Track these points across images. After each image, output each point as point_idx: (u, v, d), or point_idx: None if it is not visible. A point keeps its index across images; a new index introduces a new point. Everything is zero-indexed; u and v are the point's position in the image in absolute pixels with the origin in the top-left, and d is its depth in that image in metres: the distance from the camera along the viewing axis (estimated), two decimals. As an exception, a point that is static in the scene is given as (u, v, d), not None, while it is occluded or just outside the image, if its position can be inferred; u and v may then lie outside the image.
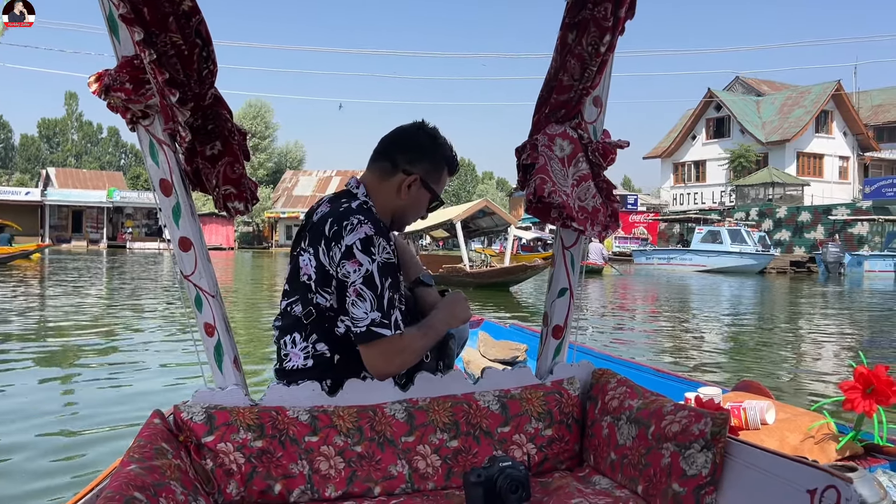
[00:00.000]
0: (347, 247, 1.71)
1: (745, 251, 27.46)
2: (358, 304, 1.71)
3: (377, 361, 1.75)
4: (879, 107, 46.23)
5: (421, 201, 1.94)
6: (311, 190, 56.50)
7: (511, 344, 4.25)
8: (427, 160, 1.91)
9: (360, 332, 1.72)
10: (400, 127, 1.96)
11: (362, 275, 1.70)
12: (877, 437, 2.14)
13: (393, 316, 1.72)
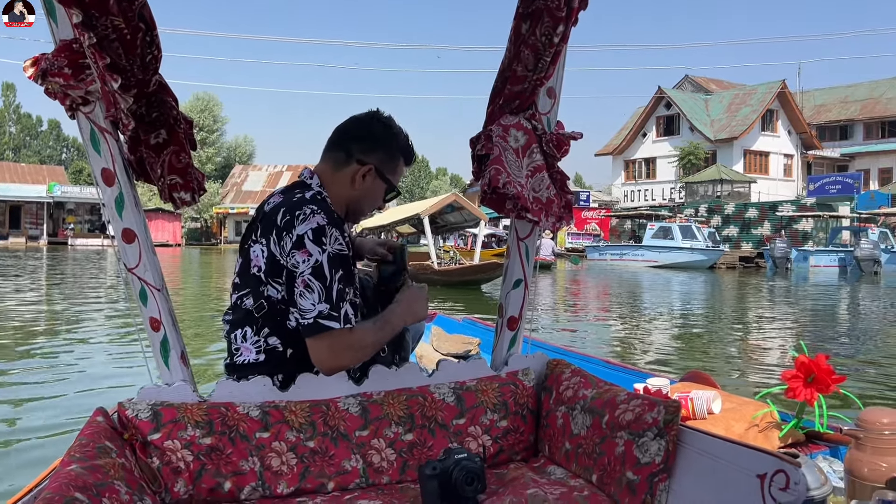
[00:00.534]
0: (298, 237, 1.68)
1: (696, 247, 28.12)
2: (306, 296, 1.67)
3: (324, 355, 1.70)
4: (821, 106, 47.88)
5: (376, 192, 1.91)
6: (261, 185, 55.67)
7: (464, 338, 4.27)
8: (382, 150, 1.88)
9: (307, 325, 1.67)
10: (354, 116, 1.93)
11: (311, 265, 1.67)
12: (817, 425, 2.21)
13: (343, 309, 1.68)
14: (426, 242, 18.22)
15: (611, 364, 3.52)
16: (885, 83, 46.70)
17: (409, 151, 1.94)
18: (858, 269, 23.59)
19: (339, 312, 1.67)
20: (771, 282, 21.01)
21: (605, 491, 1.60)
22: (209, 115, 62.28)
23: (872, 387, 5.54)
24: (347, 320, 1.69)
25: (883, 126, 45.12)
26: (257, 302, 1.77)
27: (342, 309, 1.68)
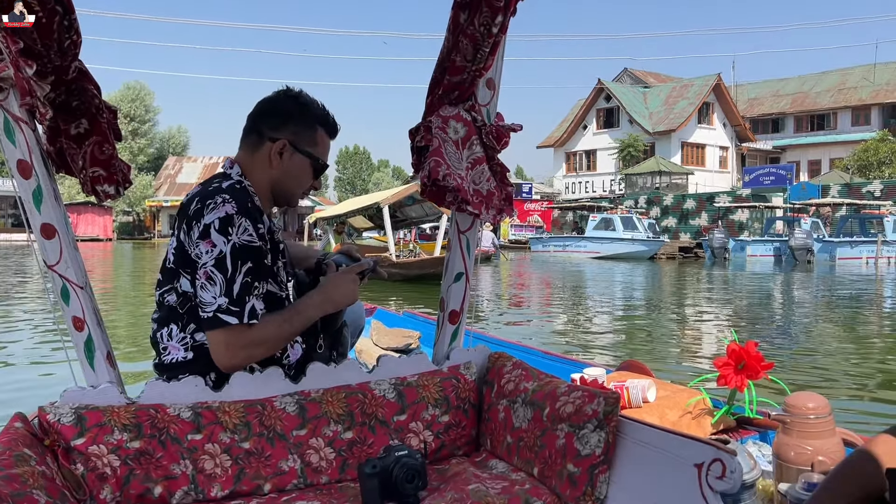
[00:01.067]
0: (205, 226, 1.63)
1: (637, 238, 28.76)
2: (207, 288, 1.62)
3: (220, 351, 1.64)
4: (754, 100, 49.58)
5: (299, 168, 1.83)
6: (196, 177, 54.29)
7: (404, 331, 4.26)
8: (293, 123, 1.80)
9: (206, 318, 1.62)
10: (264, 98, 1.87)
11: (214, 256, 1.62)
12: (748, 410, 2.28)
13: (247, 304, 1.63)
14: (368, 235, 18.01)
15: (549, 355, 3.57)
16: (814, 77, 48.67)
17: (326, 120, 1.86)
18: (793, 258, 24.51)
19: (240, 307, 1.62)
20: (709, 271, 21.65)
21: (547, 484, 1.61)
22: (140, 104, 60.42)
23: (800, 372, 5.76)
24: (253, 315, 1.63)
25: (812, 119, 47.02)
26: (179, 297, 1.72)
27: (247, 303, 1.63)
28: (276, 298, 1.79)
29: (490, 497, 1.54)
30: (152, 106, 62.60)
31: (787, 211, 29.86)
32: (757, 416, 2.28)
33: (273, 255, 1.80)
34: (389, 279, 14.17)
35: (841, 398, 4.86)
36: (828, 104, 45.85)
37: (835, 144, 44.03)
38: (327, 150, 1.89)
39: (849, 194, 30.42)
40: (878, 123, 43.57)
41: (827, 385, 5.28)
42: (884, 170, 36.02)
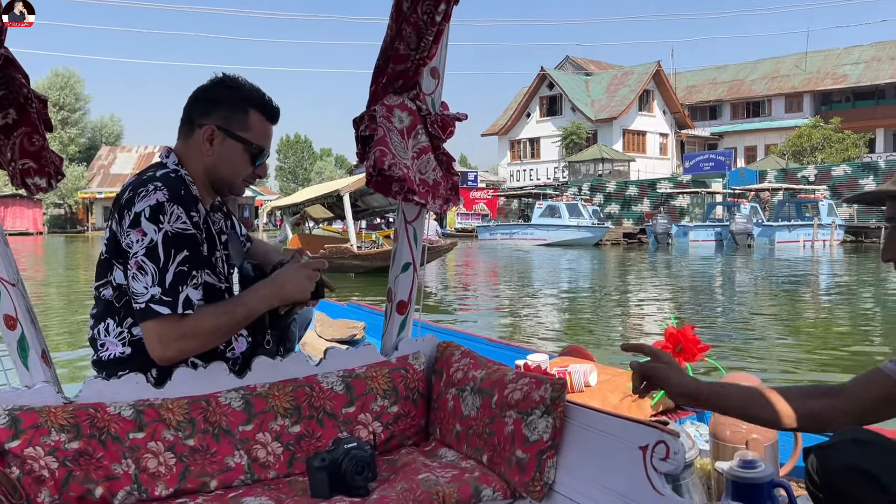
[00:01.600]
0: (136, 214, 1.60)
1: (583, 225, 29.21)
2: (138, 278, 1.58)
3: (153, 343, 1.61)
4: (692, 87, 50.80)
5: (232, 154, 1.77)
6: (131, 167, 52.73)
7: (349, 322, 4.24)
8: (222, 107, 1.75)
9: (139, 309, 1.59)
10: (200, 85, 1.82)
11: (145, 245, 1.58)
12: None
13: (181, 294, 1.59)
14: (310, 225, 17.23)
15: (493, 342, 3.61)
16: (749, 65, 50.15)
17: (261, 103, 1.79)
18: (734, 243, 25.27)
19: (174, 297, 1.58)
20: (653, 256, 22.19)
21: (496, 471, 1.64)
22: (70, 92, 58.20)
23: (735, 354, 5.98)
24: (188, 305, 1.60)
25: (748, 106, 48.48)
26: (115, 290, 1.68)
27: (180, 294, 1.59)
28: (216, 290, 1.76)
29: (440, 486, 1.56)
30: (82, 94, 60.44)
31: (726, 196, 30.74)
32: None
33: (210, 245, 1.76)
34: (351, 271, 13.95)
35: (773, 378, 5.06)
36: (762, 92, 47.32)
37: (769, 131, 45.52)
38: (266, 135, 1.82)
39: (785, 179, 31.48)
40: (811, 110, 45.20)
41: (760, 365, 5.49)
42: (816, 155, 37.42)
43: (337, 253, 14.30)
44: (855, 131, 38.75)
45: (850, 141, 37.64)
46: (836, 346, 6.40)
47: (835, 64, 46.13)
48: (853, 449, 1.20)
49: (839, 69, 45.51)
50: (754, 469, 1.44)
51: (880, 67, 43.82)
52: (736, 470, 1.45)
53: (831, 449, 1.23)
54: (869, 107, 43.83)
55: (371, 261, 14.20)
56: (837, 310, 9.25)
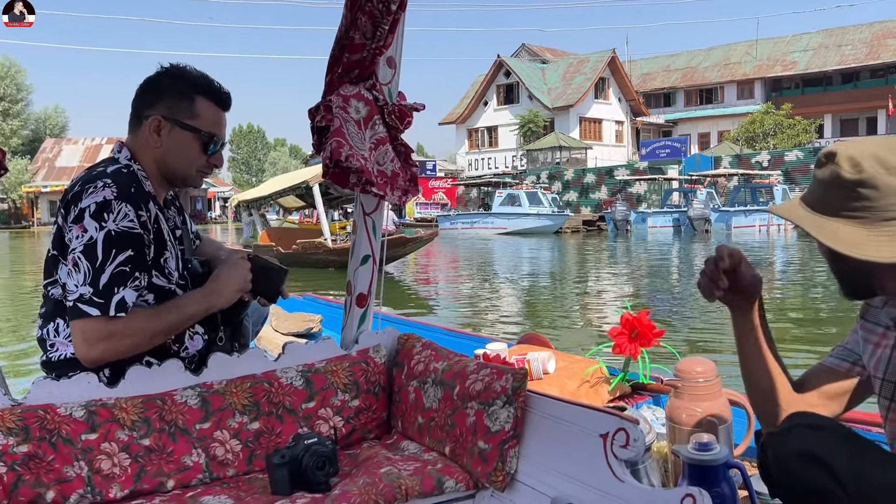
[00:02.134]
0: (81, 210, 1.57)
1: (543, 213, 29.41)
2: (72, 275, 1.56)
3: (77, 343, 1.58)
4: (647, 75, 51.54)
5: (181, 143, 1.73)
6: (77, 160, 51.30)
7: (305, 316, 4.21)
8: (168, 96, 1.72)
9: (69, 308, 1.56)
10: (147, 77, 1.79)
11: (84, 242, 1.55)
12: (641, 377, 2.40)
13: (116, 296, 1.55)
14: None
15: (453, 332, 3.62)
16: (702, 53, 51.06)
17: (209, 89, 1.75)
18: (692, 228, 25.69)
19: (105, 298, 1.55)
20: (612, 243, 22.49)
21: (459, 462, 1.65)
22: (11, 83, 56.26)
23: (690, 338, 6.11)
24: (121, 308, 1.56)
25: (701, 93, 49.37)
26: (63, 288, 1.64)
27: (115, 295, 1.56)
28: (165, 291, 1.72)
29: (402, 479, 1.56)
30: (24, 84, 58.52)
31: (682, 182, 31.28)
32: (650, 381, 2.40)
33: (161, 245, 1.72)
34: (326, 267, 12.87)
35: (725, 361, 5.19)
36: (715, 79, 48.21)
37: (722, 117, 46.47)
38: (216, 122, 1.78)
39: (739, 165, 32.13)
40: (762, 96, 46.25)
41: (714, 349, 5.61)
42: (769, 141, 38.31)
43: (311, 248, 13.44)
44: (805, 117, 39.78)
45: (800, 127, 38.65)
46: (787, 328, 6.58)
47: (784, 51, 47.28)
48: (806, 434, 1.23)
49: (788, 56, 46.67)
50: (709, 451, 1.47)
51: (827, 55, 45.06)
52: (691, 452, 1.48)
53: (784, 434, 1.26)
54: (817, 93, 45.06)
55: (348, 255, 13.71)
56: (790, 293, 9.51)
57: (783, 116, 38.79)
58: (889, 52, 42.23)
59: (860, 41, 44.47)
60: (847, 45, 44.84)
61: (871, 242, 1.16)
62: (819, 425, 1.25)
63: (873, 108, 41.40)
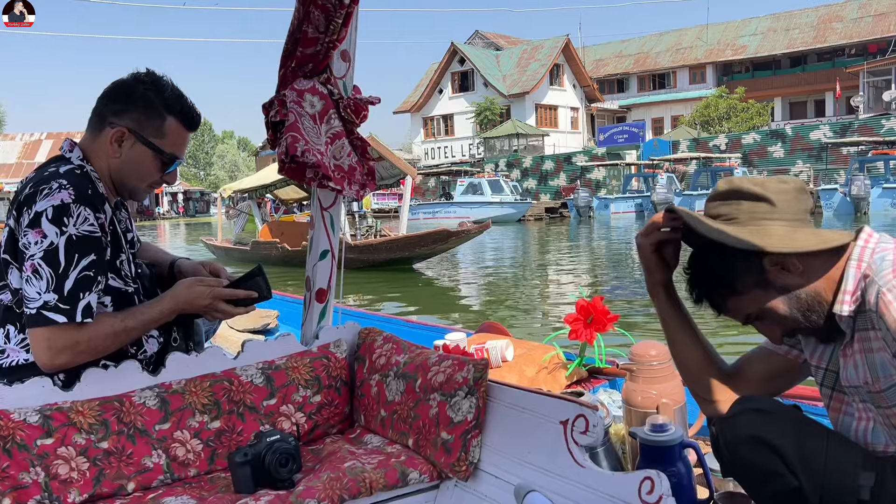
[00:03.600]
0: (36, 213, 1.53)
1: (505, 201, 29.48)
2: (32, 282, 1.52)
3: (40, 351, 1.55)
4: (600, 61, 52.11)
5: (141, 159, 1.70)
6: (15, 157, 49.69)
7: (261, 311, 4.19)
8: (138, 109, 1.68)
9: (30, 315, 1.54)
10: (117, 79, 1.74)
11: (44, 248, 1.53)
12: (597, 361, 2.47)
13: (81, 301, 1.54)
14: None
15: (412, 323, 3.65)
16: (653, 38, 51.82)
17: (182, 109, 1.72)
18: (655, 213, 25.92)
19: (71, 304, 1.53)
20: (575, 230, 22.72)
21: (422, 454, 1.68)
22: (-59, 73, 54.18)
23: (646, 322, 6.25)
24: (87, 314, 1.55)
25: (654, 79, 50.13)
26: (13, 294, 1.61)
27: (81, 300, 1.54)
28: (123, 294, 1.72)
29: (366, 472, 1.58)
30: (-44, 75, 56.45)
31: (642, 168, 31.70)
32: (606, 365, 2.47)
33: (116, 247, 1.71)
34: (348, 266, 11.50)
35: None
36: (667, 64, 48.98)
37: (675, 102, 47.26)
38: (181, 143, 1.75)
39: (697, 149, 32.73)
40: (713, 81, 47.14)
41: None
42: (724, 124, 39.10)
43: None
44: (757, 100, 40.71)
45: (754, 110, 39.51)
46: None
47: (734, 35, 48.25)
48: (754, 419, 1.29)
49: (738, 40, 47.65)
50: (665, 432, 1.53)
51: (776, 38, 46.16)
52: (648, 434, 1.54)
53: (733, 419, 1.33)
54: (767, 77, 46.16)
55: (375, 252, 11.37)
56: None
57: (737, 100, 39.61)
58: (835, 36, 43.50)
59: (807, 25, 45.68)
60: (795, 29, 45.99)
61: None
62: (766, 409, 1.32)
63: (821, 90, 42.62)
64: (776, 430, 1.27)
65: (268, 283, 1.81)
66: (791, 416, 1.32)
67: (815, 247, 1.27)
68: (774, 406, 1.34)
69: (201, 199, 65.31)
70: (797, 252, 1.27)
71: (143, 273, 1.87)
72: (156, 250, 2.05)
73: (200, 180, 74.10)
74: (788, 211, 1.29)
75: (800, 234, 1.28)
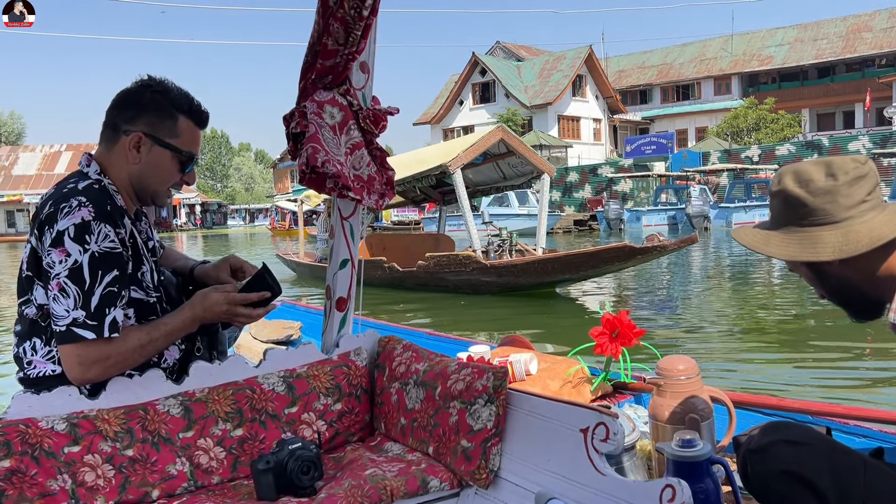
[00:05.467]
0: (58, 233, 1.58)
1: (533, 213, 28.98)
2: (59, 300, 1.57)
3: (71, 366, 1.61)
4: (622, 72, 52.08)
5: (161, 161, 1.76)
6: (35, 168, 50.62)
7: (284, 323, 4.25)
8: (149, 113, 1.74)
9: (60, 332, 1.59)
10: (123, 89, 1.80)
11: (68, 266, 1.57)
12: (623, 376, 2.47)
13: (108, 317, 1.59)
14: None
15: (435, 335, 3.68)
16: (676, 49, 51.72)
17: (190, 108, 1.78)
18: (690, 226, 25.10)
19: (98, 320, 1.59)
20: (605, 243, 22.48)
21: (442, 461, 1.71)
22: (-37, 89, 55.39)
23: (673, 336, 6.21)
24: (114, 329, 1.60)
25: (677, 90, 49.96)
26: (38, 309, 1.67)
27: (107, 316, 1.59)
28: (145, 305, 1.76)
29: (387, 480, 1.61)
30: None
31: (673, 179, 31.34)
32: (632, 380, 2.47)
33: (137, 259, 1.75)
34: (474, 292, 9.20)
35: (705, 359, 5.29)
36: (691, 75, 48.82)
37: (699, 113, 47.05)
38: (195, 141, 1.82)
39: (728, 160, 32.26)
40: (739, 92, 46.89)
41: (694, 349, 5.72)
42: (753, 135, 38.75)
43: (453, 265, 9.17)
44: (787, 111, 40.37)
45: (784, 121, 39.16)
46: (769, 329, 6.66)
47: (760, 46, 48.01)
48: (786, 451, 1.29)
49: (764, 51, 47.40)
50: (693, 448, 1.51)
51: (804, 49, 45.85)
52: (675, 449, 1.53)
53: (764, 452, 1.32)
54: (795, 88, 45.80)
55: (518, 275, 8.81)
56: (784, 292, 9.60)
57: (766, 111, 39.27)
58: (865, 46, 43.12)
59: (835, 35, 45.33)
60: (823, 39, 45.67)
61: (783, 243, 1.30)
62: (798, 440, 1.30)
63: (850, 101, 42.25)
64: (810, 462, 1.26)
65: (274, 278, 1.85)
66: (824, 447, 1.30)
67: (865, 249, 1.25)
68: (806, 436, 1.33)
69: (218, 210, 66.37)
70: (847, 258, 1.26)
71: (168, 281, 1.92)
72: (176, 256, 2.10)
73: (217, 192, 74.97)
74: (837, 210, 1.27)
75: (852, 236, 1.26)
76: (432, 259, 9.36)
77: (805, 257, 1.26)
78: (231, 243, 33.00)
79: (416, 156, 11.65)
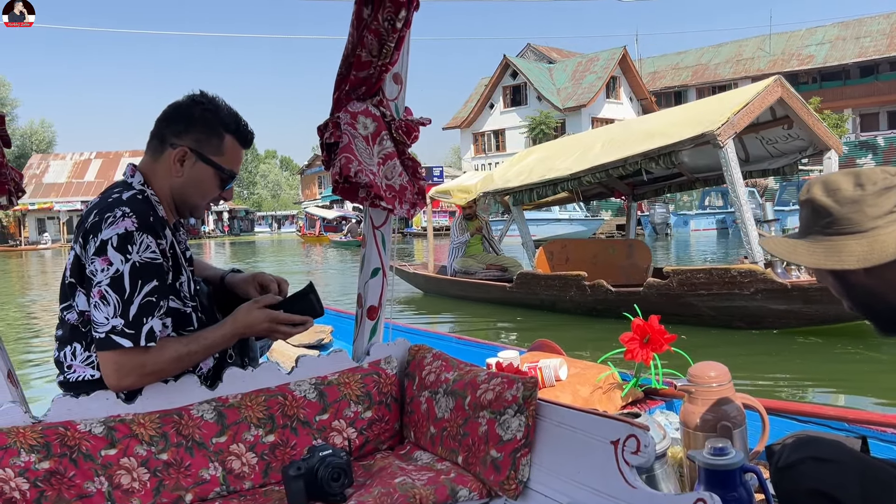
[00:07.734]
0: (102, 242, 1.64)
1: (575, 218, 28.47)
2: (101, 308, 1.63)
3: (109, 373, 1.66)
4: (655, 73, 51.62)
5: (202, 178, 1.83)
6: (65, 176, 51.71)
7: (316, 327, 4.31)
8: (197, 129, 1.80)
9: (99, 339, 1.64)
10: (173, 102, 1.87)
11: (110, 275, 1.63)
12: (654, 382, 2.48)
13: (145, 326, 1.64)
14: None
15: (464, 340, 3.71)
16: (711, 50, 51.11)
17: (237, 128, 1.85)
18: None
19: (136, 329, 1.64)
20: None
21: (471, 471, 1.74)
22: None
23: (704, 342, 6.11)
24: (150, 338, 1.65)
25: (713, 90, 49.30)
26: (78, 315, 1.73)
27: (145, 325, 1.65)
28: (182, 315, 1.82)
29: (416, 489, 1.65)
30: (9, 98, 59.10)
31: (718, 182, 30.63)
32: (663, 386, 2.48)
33: (176, 269, 1.82)
34: (764, 326, 6.34)
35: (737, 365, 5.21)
36: (728, 75, 48.20)
37: (738, 115, 46.36)
38: (237, 160, 1.88)
39: (776, 161, 31.63)
40: (778, 93, 46.17)
41: (724, 353, 5.65)
42: (795, 136, 37.99)
43: (722, 284, 6.33)
44: (833, 111, 39.67)
45: (830, 121, 38.49)
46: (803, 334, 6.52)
47: (799, 45, 47.25)
48: (815, 469, 1.29)
49: (804, 50, 46.63)
50: (725, 456, 1.51)
51: (845, 47, 45.03)
52: (707, 457, 1.53)
53: (793, 469, 1.32)
54: (837, 87, 45.01)
55: (819, 303, 5.94)
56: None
57: (813, 110, 38.48)
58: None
59: (879, 32, 44.43)
60: (866, 37, 44.79)
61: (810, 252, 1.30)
62: (827, 457, 1.31)
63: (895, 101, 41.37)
64: (839, 480, 1.26)
65: (319, 301, 1.90)
66: (855, 464, 1.30)
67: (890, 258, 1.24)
68: (836, 453, 1.33)
69: (245, 217, 67.42)
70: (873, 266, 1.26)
71: (201, 290, 1.98)
72: (204, 266, 2.16)
73: (244, 199, 75.99)
74: (863, 220, 1.27)
75: (877, 245, 1.26)
76: (677, 276, 6.58)
77: (829, 265, 1.27)
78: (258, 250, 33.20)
79: (581, 140, 8.58)
